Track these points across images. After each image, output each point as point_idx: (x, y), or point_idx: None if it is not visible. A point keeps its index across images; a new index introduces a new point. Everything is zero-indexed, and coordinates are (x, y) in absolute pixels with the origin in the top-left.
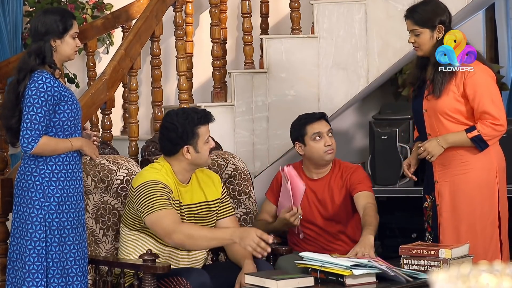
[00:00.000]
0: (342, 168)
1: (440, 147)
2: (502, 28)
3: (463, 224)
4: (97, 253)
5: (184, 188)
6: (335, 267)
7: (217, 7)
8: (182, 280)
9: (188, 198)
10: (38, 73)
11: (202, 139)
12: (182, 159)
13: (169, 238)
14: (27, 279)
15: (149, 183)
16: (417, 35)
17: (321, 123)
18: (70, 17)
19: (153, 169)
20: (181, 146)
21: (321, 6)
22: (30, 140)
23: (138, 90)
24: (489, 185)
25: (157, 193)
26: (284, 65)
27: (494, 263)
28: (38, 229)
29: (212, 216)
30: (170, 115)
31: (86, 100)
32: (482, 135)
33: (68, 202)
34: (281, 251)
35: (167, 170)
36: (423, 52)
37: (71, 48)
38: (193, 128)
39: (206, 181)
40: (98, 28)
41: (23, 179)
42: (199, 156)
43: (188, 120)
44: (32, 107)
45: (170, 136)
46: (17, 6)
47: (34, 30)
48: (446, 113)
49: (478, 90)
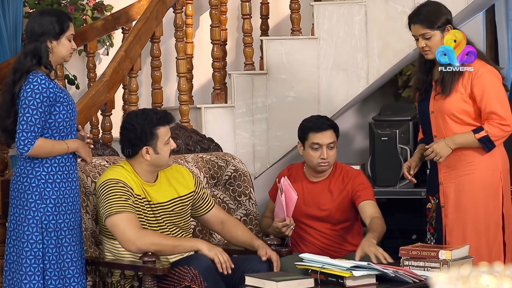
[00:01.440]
0: (344, 172)
1: (448, 148)
2: (502, 29)
3: (468, 225)
4: (97, 254)
5: (152, 187)
6: (335, 268)
7: (217, 8)
8: (185, 268)
9: (158, 196)
10: (33, 75)
11: (162, 140)
12: (142, 160)
13: (133, 245)
14: (24, 281)
15: (108, 182)
16: (428, 38)
17: (325, 134)
18: (67, 19)
19: (114, 167)
20: (140, 147)
21: (321, 7)
22: (26, 142)
23: (138, 92)
24: (493, 186)
25: (116, 193)
26: (284, 67)
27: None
28: (34, 231)
29: (186, 210)
30: (130, 116)
31: (86, 102)
32: (489, 135)
33: (64, 203)
34: (281, 253)
35: (128, 170)
36: (434, 55)
37: (67, 50)
38: (152, 129)
39: (176, 177)
40: (98, 30)
41: (19, 181)
42: (159, 157)
43: (147, 121)
44: (28, 109)
45: (129, 137)
46: (17, 7)
47: (31, 30)
48: (453, 114)
49: (486, 90)
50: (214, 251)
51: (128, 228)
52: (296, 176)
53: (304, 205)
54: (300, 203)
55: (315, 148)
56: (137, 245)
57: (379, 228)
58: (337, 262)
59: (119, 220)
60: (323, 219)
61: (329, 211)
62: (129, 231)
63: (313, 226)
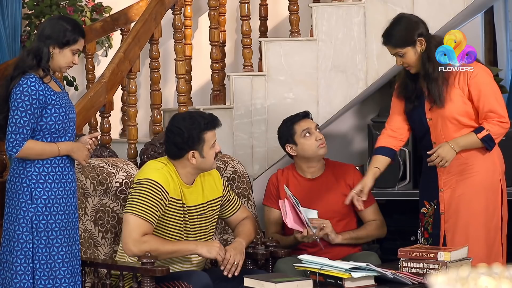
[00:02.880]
0: (336, 166)
1: (453, 151)
2: (501, 31)
3: (469, 228)
4: (96, 255)
5: (188, 190)
6: (333, 269)
7: (216, 9)
8: (184, 284)
9: (192, 199)
10: (25, 77)
11: (208, 144)
12: (187, 163)
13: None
14: (15, 280)
15: (146, 182)
16: (402, 55)
17: (307, 120)
18: (79, 34)
19: (158, 164)
20: (187, 151)
21: (320, 9)
22: (15, 144)
23: (137, 93)
24: (493, 187)
25: (147, 197)
26: (283, 68)
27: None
28: (25, 230)
29: (214, 215)
30: (177, 119)
31: (85, 103)
32: (491, 134)
33: (56, 204)
34: (279, 254)
35: (170, 170)
36: (416, 68)
37: (66, 62)
38: (199, 134)
39: (208, 181)
40: (97, 31)
41: (12, 181)
42: (204, 161)
43: (194, 125)
44: (17, 111)
45: (175, 141)
46: (16, 9)
47: (42, 30)
48: (455, 117)
49: (482, 89)
50: (215, 252)
51: (135, 232)
52: (291, 177)
53: (304, 202)
54: (300, 201)
55: (307, 135)
56: (133, 252)
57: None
58: (336, 264)
59: (132, 221)
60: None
61: (326, 207)
62: (134, 234)
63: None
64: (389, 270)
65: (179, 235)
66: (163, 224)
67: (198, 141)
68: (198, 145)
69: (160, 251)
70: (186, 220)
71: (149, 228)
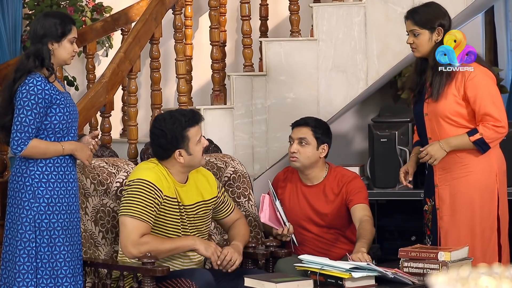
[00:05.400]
0: (339, 176)
1: (443, 151)
2: (501, 31)
3: (463, 227)
4: (96, 255)
5: (183, 188)
6: (334, 269)
7: (217, 9)
8: (187, 281)
9: (187, 198)
10: (31, 76)
11: (193, 141)
12: (175, 162)
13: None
14: (18, 279)
15: (139, 182)
16: (416, 35)
17: (299, 130)
18: (70, 22)
19: (149, 165)
20: (173, 151)
21: (321, 9)
22: (20, 142)
23: (138, 93)
24: (489, 188)
25: (141, 197)
26: (284, 68)
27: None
28: (27, 229)
29: (209, 214)
30: (158, 121)
31: (85, 103)
32: (484, 137)
33: (58, 203)
34: (280, 254)
35: (161, 169)
36: (421, 54)
37: (68, 53)
38: (182, 132)
39: (202, 181)
40: (98, 31)
41: (14, 180)
42: (192, 158)
43: (176, 125)
44: (22, 110)
45: (160, 142)
46: (17, 9)
47: (33, 32)
48: (447, 116)
49: (479, 92)
50: (211, 250)
51: (133, 234)
52: (291, 180)
53: (299, 208)
54: (295, 207)
55: (289, 143)
56: (133, 254)
57: (368, 233)
58: (336, 264)
59: (129, 223)
60: (318, 222)
61: (324, 215)
62: (133, 236)
63: (309, 229)
64: (390, 270)
65: (177, 235)
66: (159, 223)
67: (182, 140)
68: (182, 143)
69: (159, 250)
70: (183, 219)
71: (147, 228)
